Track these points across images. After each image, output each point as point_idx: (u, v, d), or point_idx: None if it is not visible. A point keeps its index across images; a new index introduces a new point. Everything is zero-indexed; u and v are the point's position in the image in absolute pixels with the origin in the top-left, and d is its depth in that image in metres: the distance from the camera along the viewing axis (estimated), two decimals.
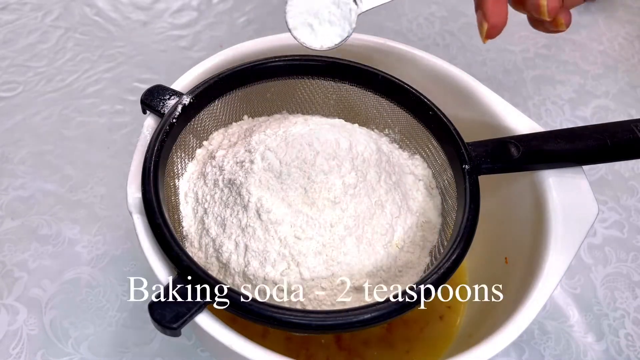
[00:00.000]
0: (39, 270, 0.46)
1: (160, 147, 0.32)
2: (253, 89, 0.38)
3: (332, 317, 0.27)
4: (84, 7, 0.67)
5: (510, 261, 0.39)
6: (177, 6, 0.68)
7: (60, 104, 0.57)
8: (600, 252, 0.51)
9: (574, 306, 0.48)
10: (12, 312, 0.43)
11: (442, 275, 0.29)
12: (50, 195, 0.50)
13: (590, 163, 0.36)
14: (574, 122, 0.62)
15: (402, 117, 0.38)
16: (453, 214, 0.34)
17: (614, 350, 0.45)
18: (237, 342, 0.27)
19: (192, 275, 0.28)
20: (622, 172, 0.57)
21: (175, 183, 0.35)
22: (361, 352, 0.41)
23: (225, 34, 0.66)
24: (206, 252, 0.33)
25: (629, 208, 0.55)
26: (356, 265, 0.32)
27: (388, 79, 0.37)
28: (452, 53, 0.67)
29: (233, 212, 0.32)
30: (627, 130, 0.35)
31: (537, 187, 0.36)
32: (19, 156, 0.53)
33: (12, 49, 0.62)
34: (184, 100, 0.35)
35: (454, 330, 0.42)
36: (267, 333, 0.40)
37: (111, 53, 0.63)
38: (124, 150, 0.54)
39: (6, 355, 0.41)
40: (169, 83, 0.37)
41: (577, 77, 0.66)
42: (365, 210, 0.33)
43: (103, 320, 0.43)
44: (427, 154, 0.38)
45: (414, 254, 0.34)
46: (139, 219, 0.31)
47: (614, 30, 0.72)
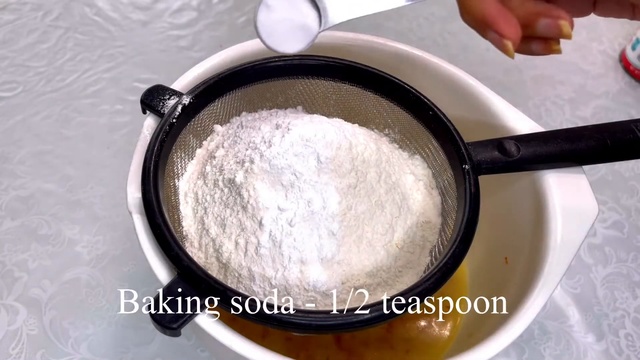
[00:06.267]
0: (39, 270, 0.46)
1: (160, 147, 0.32)
2: (253, 89, 0.38)
3: (332, 317, 0.27)
4: (84, 7, 0.67)
5: (510, 261, 0.39)
6: (177, 6, 0.68)
7: (60, 104, 0.57)
8: (600, 252, 0.51)
9: (574, 306, 0.48)
10: (12, 312, 0.43)
11: (442, 275, 0.29)
12: (50, 195, 0.50)
13: (590, 163, 0.36)
14: (574, 122, 0.62)
15: (402, 117, 0.38)
16: (453, 214, 0.34)
17: (614, 350, 0.46)
18: (237, 342, 0.27)
19: (192, 275, 0.28)
20: (622, 172, 0.58)
21: (175, 183, 0.35)
22: (361, 352, 0.41)
23: (225, 34, 0.66)
24: (206, 252, 0.33)
25: (629, 208, 0.55)
26: (356, 265, 0.32)
27: (388, 79, 0.37)
28: (452, 53, 0.67)
29: (233, 212, 0.32)
30: (627, 130, 0.35)
31: (537, 187, 0.36)
32: (19, 156, 0.53)
33: (12, 49, 0.62)
34: (184, 100, 0.35)
35: (454, 330, 0.42)
36: (267, 333, 0.40)
37: (111, 53, 0.63)
38: (124, 150, 0.54)
39: (6, 355, 0.41)
40: (169, 83, 0.37)
41: (577, 77, 0.66)
42: (365, 210, 0.33)
43: (103, 320, 0.43)
44: (427, 154, 0.38)
45: (414, 254, 0.34)
46: (139, 219, 0.31)
47: (614, 31, 0.72)
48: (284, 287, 0.31)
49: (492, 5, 0.32)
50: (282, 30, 0.29)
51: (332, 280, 0.31)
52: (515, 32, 0.32)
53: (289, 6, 0.28)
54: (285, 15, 0.29)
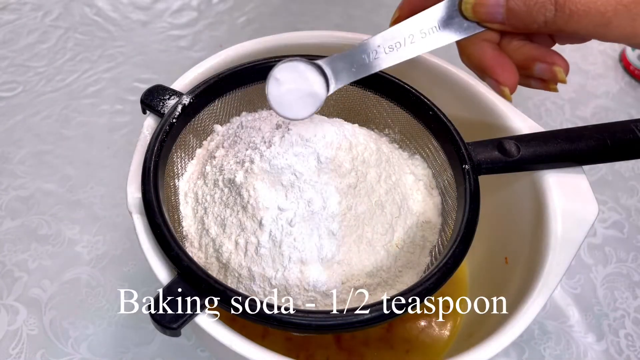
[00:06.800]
0: (39, 270, 0.46)
1: (160, 147, 0.32)
2: (253, 88, 0.38)
3: (332, 317, 0.27)
4: (84, 7, 0.67)
5: (510, 261, 0.39)
6: (177, 6, 0.68)
7: (60, 104, 0.57)
8: (600, 252, 0.51)
9: (574, 306, 0.48)
10: (12, 312, 0.43)
11: (442, 275, 0.29)
12: (50, 195, 0.50)
13: (590, 163, 0.36)
14: (574, 122, 0.62)
15: (402, 117, 0.38)
16: (453, 214, 0.34)
17: (614, 350, 0.46)
18: (237, 342, 0.27)
19: (192, 275, 0.28)
20: (622, 172, 0.58)
21: (175, 183, 0.35)
22: (361, 352, 0.41)
23: (225, 34, 0.66)
24: (206, 252, 0.33)
25: (629, 208, 0.55)
26: (356, 265, 0.32)
27: (388, 79, 0.37)
28: (452, 53, 0.67)
29: (233, 212, 0.32)
30: (627, 130, 0.35)
31: (537, 187, 0.36)
32: (19, 156, 0.53)
33: (12, 49, 0.62)
34: (184, 100, 0.35)
35: (454, 330, 0.42)
36: (267, 333, 0.40)
37: (111, 53, 0.63)
38: (124, 150, 0.54)
39: (6, 355, 0.41)
40: (169, 83, 0.37)
41: (577, 77, 0.66)
42: (365, 210, 0.33)
43: (103, 320, 0.43)
44: (427, 154, 0.38)
45: (414, 254, 0.34)
46: (139, 219, 0.31)
47: None
48: (284, 287, 0.31)
49: (490, 52, 0.33)
50: (292, 99, 0.31)
51: (332, 280, 0.31)
52: (511, 79, 0.33)
53: (296, 77, 0.31)
54: (293, 86, 0.31)
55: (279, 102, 0.31)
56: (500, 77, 0.33)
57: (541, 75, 0.34)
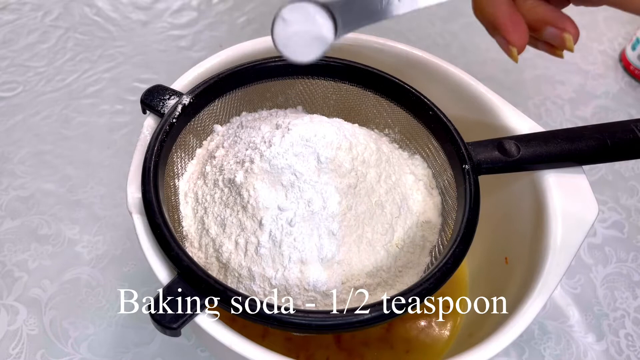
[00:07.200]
0: (39, 270, 0.46)
1: (160, 147, 0.32)
2: (253, 89, 0.38)
3: (332, 317, 0.27)
4: (84, 7, 0.67)
5: (510, 261, 0.39)
6: (177, 6, 0.68)
7: (60, 104, 0.57)
8: (600, 252, 0.51)
9: (574, 306, 0.48)
10: (12, 312, 0.43)
11: (442, 275, 0.29)
12: (50, 195, 0.50)
13: (590, 163, 0.36)
14: (574, 122, 0.62)
15: (402, 117, 0.38)
16: (453, 214, 0.34)
17: (614, 350, 0.46)
18: (237, 342, 0.27)
19: (192, 275, 0.28)
20: (622, 172, 0.58)
21: (175, 183, 0.35)
22: (361, 352, 0.41)
23: (225, 34, 0.66)
24: (206, 252, 0.33)
25: (629, 208, 0.55)
26: (356, 265, 0.32)
27: (388, 78, 0.37)
28: (452, 53, 0.67)
29: (233, 212, 0.32)
30: (627, 130, 0.35)
31: (537, 187, 0.36)
32: (19, 156, 0.53)
33: (12, 49, 0.62)
34: (183, 100, 0.35)
35: (454, 330, 0.42)
36: (267, 333, 0.40)
37: (111, 53, 0.63)
38: (124, 150, 0.54)
39: (6, 355, 0.41)
40: (169, 83, 0.37)
41: (577, 77, 0.66)
42: (365, 210, 0.33)
43: (103, 320, 0.43)
44: (427, 154, 0.38)
45: (414, 254, 0.34)
46: (139, 219, 0.31)
47: (614, 30, 0.72)
48: (284, 287, 0.31)
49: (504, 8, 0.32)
50: (298, 41, 0.30)
51: (332, 280, 0.31)
52: (521, 40, 0.32)
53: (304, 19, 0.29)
54: (300, 27, 0.29)
55: (285, 43, 0.29)
56: (511, 36, 0.32)
57: (550, 39, 0.33)
